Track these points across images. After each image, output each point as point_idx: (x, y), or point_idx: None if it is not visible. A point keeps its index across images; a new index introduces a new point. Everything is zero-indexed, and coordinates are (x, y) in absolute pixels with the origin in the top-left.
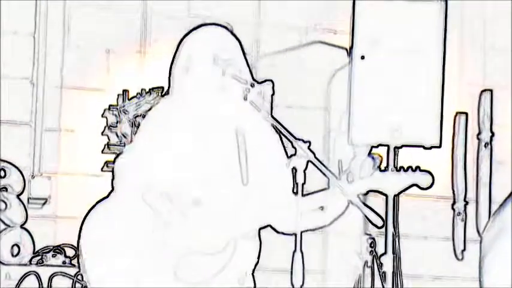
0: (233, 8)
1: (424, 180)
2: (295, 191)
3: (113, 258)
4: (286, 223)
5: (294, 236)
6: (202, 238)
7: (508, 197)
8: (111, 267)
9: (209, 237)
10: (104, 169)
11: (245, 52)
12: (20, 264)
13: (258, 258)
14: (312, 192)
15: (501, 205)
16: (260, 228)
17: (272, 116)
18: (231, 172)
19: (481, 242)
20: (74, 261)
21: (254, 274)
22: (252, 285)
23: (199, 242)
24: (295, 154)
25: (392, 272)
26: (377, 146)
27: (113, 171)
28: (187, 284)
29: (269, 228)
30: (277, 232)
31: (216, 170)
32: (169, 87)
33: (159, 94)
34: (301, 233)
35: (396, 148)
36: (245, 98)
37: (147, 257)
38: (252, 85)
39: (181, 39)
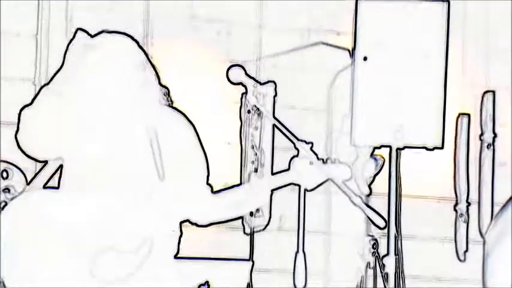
0: (234, 9)
1: (340, 173)
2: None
3: (28, 259)
4: (201, 215)
5: (296, 237)
6: (118, 236)
7: (511, 198)
8: (26, 268)
9: (125, 235)
10: None
11: (153, 64)
12: None
13: (252, 259)
14: (232, 186)
15: (504, 206)
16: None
17: (274, 117)
18: (146, 169)
19: (484, 244)
20: None
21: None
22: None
23: (115, 240)
24: (297, 155)
25: (395, 273)
26: (379, 147)
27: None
28: (103, 282)
29: (269, 228)
30: (192, 224)
31: (130, 168)
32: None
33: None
34: (304, 233)
35: (398, 149)
36: (247, 99)
37: (63, 257)
38: (255, 86)
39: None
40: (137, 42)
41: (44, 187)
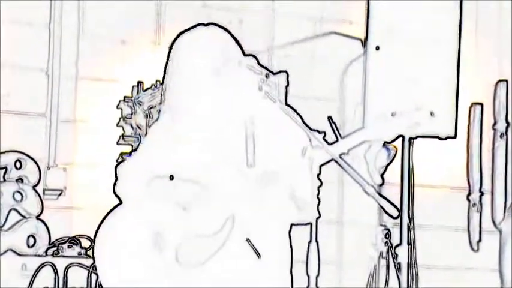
0: None
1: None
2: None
3: (122, 259)
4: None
5: (309, 227)
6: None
7: None
8: (119, 264)
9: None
10: (118, 160)
11: (245, 52)
12: (36, 255)
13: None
14: None
15: None
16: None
17: (287, 105)
18: (238, 156)
19: (500, 233)
20: (90, 252)
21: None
22: None
23: (203, 223)
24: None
25: (408, 263)
26: None
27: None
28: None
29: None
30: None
31: (222, 154)
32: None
33: None
34: (317, 223)
35: (411, 139)
36: (260, 89)
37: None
38: (267, 76)
39: (176, 38)
40: (230, 34)
41: None
